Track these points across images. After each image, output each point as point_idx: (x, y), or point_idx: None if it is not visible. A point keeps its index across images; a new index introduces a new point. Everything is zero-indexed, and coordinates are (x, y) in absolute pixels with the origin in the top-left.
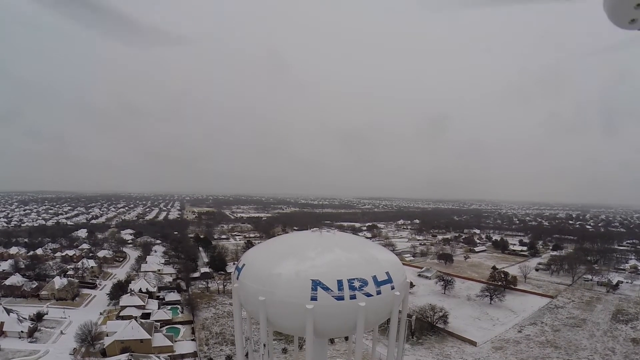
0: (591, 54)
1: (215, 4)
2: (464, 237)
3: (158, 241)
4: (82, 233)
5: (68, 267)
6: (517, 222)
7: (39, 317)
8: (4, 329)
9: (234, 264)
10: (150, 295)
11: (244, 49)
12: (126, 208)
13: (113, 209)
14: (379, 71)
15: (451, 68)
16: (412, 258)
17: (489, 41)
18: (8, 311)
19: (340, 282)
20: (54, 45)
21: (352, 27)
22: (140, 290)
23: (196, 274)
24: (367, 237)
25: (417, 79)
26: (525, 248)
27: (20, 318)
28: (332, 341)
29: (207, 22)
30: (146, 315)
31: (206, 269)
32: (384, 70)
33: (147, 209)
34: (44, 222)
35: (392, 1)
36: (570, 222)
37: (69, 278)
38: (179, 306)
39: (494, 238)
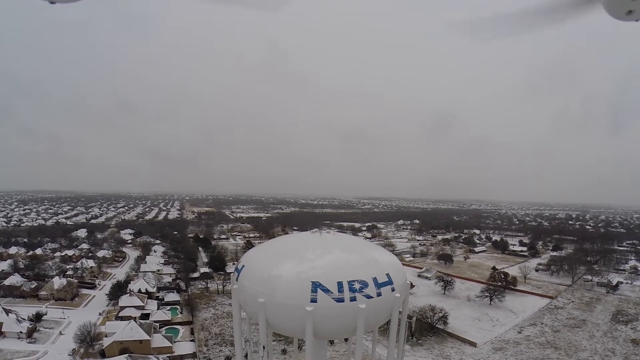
0: (594, 49)
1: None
2: (463, 237)
3: (157, 241)
4: (82, 233)
5: (67, 267)
6: (517, 222)
7: (38, 318)
8: (2, 330)
9: (233, 264)
10: (150, 295)
11: (244, 46)
12: (126, 208)
13: (113, 209)
14: (378, 69)
15: (452, 66)
16: (412, 258)
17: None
18: (7, 311)
19: (340, 284)
20: (49, 42)
21: (355, 25)
22: (139, 291)
23: (196, 274)
24: (367, 238)
25: (417, 77)
26: (525, 248)
27: (19, 318)
28: (332, 342)
29: (207, 22)
30: (145, 316)
31: (206, 269)
32: (383, 68)
33: (147, 209)
34: (43, 222)
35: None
36: (570, 222)
37: (68, 278)
38: (178, 307)
39: (493, 238)
